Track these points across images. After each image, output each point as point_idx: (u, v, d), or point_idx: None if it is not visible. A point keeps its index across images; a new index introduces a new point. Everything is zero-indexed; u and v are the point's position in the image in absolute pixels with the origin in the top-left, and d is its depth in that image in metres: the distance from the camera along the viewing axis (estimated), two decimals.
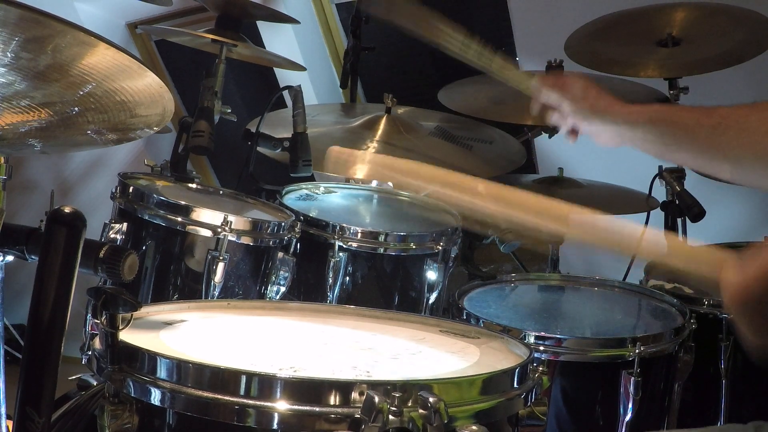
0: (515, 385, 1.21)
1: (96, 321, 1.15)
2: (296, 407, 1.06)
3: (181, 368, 1.11)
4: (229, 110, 2.29)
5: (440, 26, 1.68)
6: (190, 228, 1.92)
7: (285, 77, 3.74)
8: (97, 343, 1.20)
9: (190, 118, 2.18)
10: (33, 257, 1.25)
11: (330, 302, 2.07)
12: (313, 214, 2.20)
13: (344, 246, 2.08)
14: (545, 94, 1.65)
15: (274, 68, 3.74)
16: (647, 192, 2.69)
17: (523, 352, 1.35)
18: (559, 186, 2.70)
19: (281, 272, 2.03)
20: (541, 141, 3.15)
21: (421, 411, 1.05)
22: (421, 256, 2.16)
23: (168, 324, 1.39)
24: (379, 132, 2.51)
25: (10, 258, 1.30)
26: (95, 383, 2.12)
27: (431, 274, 2.16)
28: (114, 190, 2.00)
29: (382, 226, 2.33)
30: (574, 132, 1.65)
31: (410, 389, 1.06)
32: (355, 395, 1.06)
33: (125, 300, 1.13)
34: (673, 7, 2.72)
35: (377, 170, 1.43)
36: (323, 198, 2.45)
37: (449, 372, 1.27)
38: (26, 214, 3.98)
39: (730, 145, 1.32)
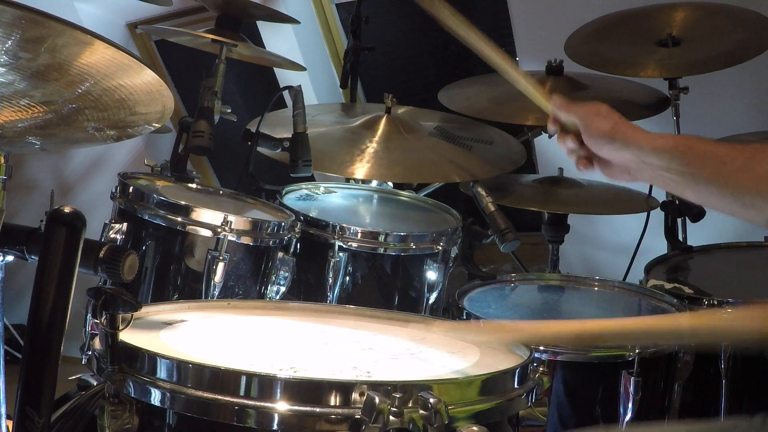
0: (516, 386, 1.20)
1: (96, 321, 1.15)
2: (296, 408, 1.06)
3: (181, 369, 1.11)
4: (229, 110, 2.28)
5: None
6: (190, 228, 1.92)
7: (285, 77, 3.73)
8: (97, 343, 1.20)
9: (190, 118, 2.17)
10: (33, 257, 1.24)
11: (330, 302, 2.07)
12: (313, 214, 2.20)
13: (344, 246, 2.08)
14: (565, 113, 1.54)
15: (274, 68, 3.73)
16: (647, 192, 2.69)
17: (523, 352, 1.35)
18: (559, 186, 2.70)
19: (281, 272, 2.03)
20: (541, 141, 3.15)
21: (421, 411, 1.04)
22: (421, 256, 2.16)
23: (168, 324, 1.39)
24: (379, 132, 2.50)
25: (10, 258, 1.30)
26: (95, 383, 2.12)
27: (431, 274, 2.15)
28: (114, 190, 2.00)
29: (382, 226, 2.33)
30: (588, 159, 1.54)
31: (410, 390, 1.06)
32: (355, 396, 1.06)
33: (125, 300, 1.13)
34: (673, 7, 2.72)
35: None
36: (323, 198, 2.45)
37: (449, 372, 1.26)
38: (26, 214, 3.97)
39: (763, 177, 1.25)
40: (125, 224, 1.94)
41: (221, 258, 1.89)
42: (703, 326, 0.99)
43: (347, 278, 2.12)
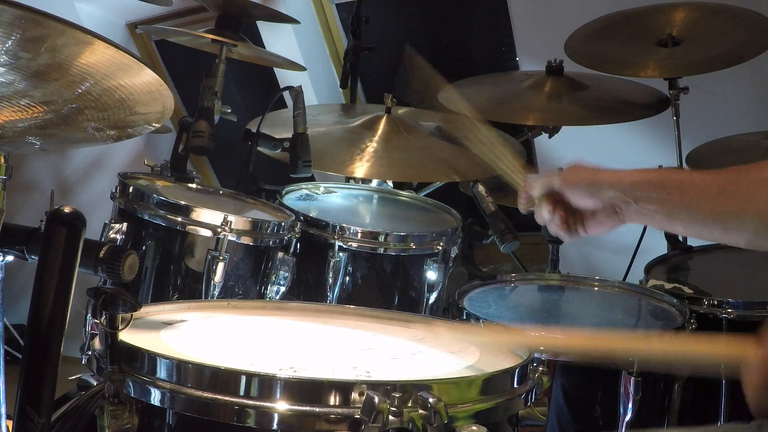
0: (515, 385, 1.20)
1: (96, 321, 1.15)
2: (296, 407, 1.06)
3: (181, 368, 1.11)
4: (229, 110, 2.29)
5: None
6: (190, 228, 1.92)
7: (285, 77, 3.74)
8: (97, 343, 1.20)
9: (190, 118, 2.17)
10: (33, 257, 1.24)
11: (330, 302, 2.07)
12: (313, 214, 2.20)
13: (344, 246, 2.08)
14: (544, 182, 1.54)
15: (274, 68, 3.73)
16: None
17: (523, 352, 1.35)
18: None
19: (281, 272, 2.03)
20: (541, 141, 3.15)
21: (421, 411, 1.04)
22: (421, 256, 2.16)
23: (168, 324, 1.39)
24: (379, 132, 2.50)
25: (10, 258, 1.30)
26: (95, 383, 2.12)
27: (431, 274, 2.15)
28: (114, 190, 2.00)
29: (382, 226, 2.33)
30: (565, 223, 1.52)
31: (410, 389, 1.06)
32: (355, 395, 1.06)
33: (125, 300, 1.12)
34: (673, 7, 2.72)
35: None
36: (323, 198, 2.44)
37: (449, 372, 1.26)
38: (26, 214, 3.98)
39: (743, 199, 1.26)
40: (125, 224, 1.94)
41: (221, 258, 1.89)
42: (703, 353, 1.03)
43: (347, 278, 2.12)
